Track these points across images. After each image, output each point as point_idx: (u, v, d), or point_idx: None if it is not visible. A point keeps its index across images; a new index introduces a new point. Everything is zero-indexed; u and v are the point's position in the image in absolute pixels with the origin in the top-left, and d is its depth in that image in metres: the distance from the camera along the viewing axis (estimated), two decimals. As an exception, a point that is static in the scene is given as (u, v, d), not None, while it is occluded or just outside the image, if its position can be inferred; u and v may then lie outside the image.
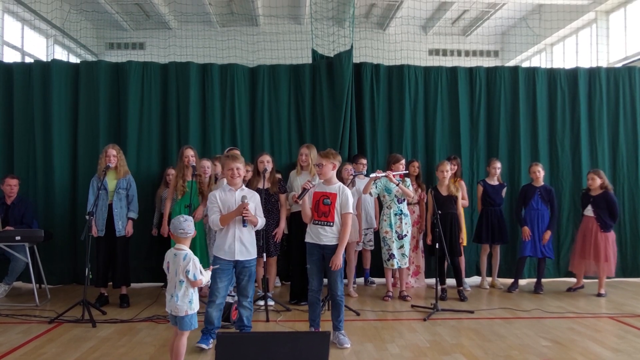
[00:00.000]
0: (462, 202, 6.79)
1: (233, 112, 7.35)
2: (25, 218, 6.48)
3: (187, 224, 3.83)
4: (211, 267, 4.16)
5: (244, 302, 4.59)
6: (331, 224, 4.56)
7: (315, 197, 4.63)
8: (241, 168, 4.55)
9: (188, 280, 3.72)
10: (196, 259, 3.78)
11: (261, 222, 4.62)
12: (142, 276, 6.98)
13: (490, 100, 7.73)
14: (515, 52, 15.46)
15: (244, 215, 4.44)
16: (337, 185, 4.65)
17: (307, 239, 4.69)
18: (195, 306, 3.78)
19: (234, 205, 4.47)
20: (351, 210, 4.61)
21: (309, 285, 4.72)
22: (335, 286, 4.60)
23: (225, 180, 5.34)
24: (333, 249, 4.55)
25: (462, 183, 6.96)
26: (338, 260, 4.51)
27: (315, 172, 6.02)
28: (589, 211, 6.72)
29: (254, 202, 4.61)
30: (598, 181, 6.69)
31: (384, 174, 6.12)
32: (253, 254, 4.59)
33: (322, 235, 4.58)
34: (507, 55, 15.86)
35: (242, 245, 4.49)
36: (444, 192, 6.49)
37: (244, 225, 4.50)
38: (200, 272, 3.78)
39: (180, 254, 3.77)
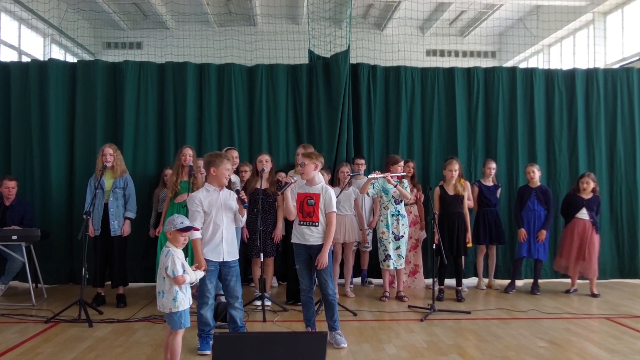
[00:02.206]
0: (468, 202, 6.80)
1: (230, 112, 7.34)
2: (26, 219, 6.45)
3: (168, 221, 3.87)
4: (202, 266, 4.11)
5: (235, 304, 4.52)
6: (316, 224, 4.57)
7: (299, 198, 4.64)
8: (230, 169, 4.57)
9: (168, 277, 3.72)
10: (177, 256, 3.74)
11: (244, 218, 4.61)
12: (139, 276, 6.96)
13: (488, 101, 7.73)
14: (513, 53, 15.48)
15: (242, 196, 4.42)
16: (319, 186, 4.66)
17: (294, 240, 4.70)
18: (181, 304, 3.73)
19: (222, 205, 4.43)
20: (335, 209, 4.61)
21: (300, 286, 4.72)
22: (326, 286, 4.60)
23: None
24: (319, 248, 4.55)
25: (468, 184, 6.97)
26: (323, 258, 4.50)
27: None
28: (583, 214, 6.74)
29: (234, 201, 4.52)
30: (592, 185, 6.75)
31: (382, 175, 6.12)
32: (237, 254, 4.59)
33: (308, 235, 4.59)
34: (505, 56, 15.88)
35: (228, 245, 4.46)
36: (450, 192, 6.47)
37: (245, 206, 4.44)
38: (184, 269, 3.75)
39: (164, 250, 3.81)
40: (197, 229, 4.16)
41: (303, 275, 4.68)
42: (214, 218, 4.41)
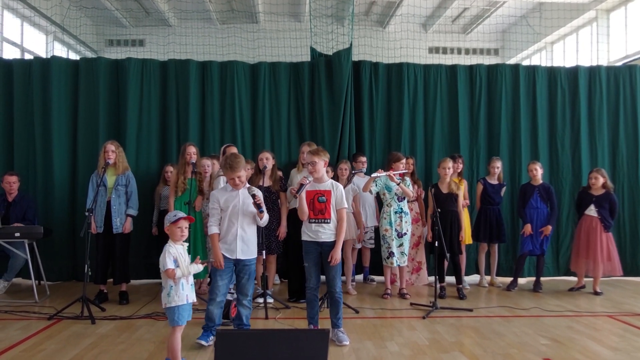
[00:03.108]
0: (463, 201, 6.81)
1: (233, 109, 7.34)
2: (28, 215, 6.47)
3: (165, 219, 3.93)
4: (197, 260, 4.10)
5: (244, 301, 4.57)
6: (328, 220, 4.59)
7: (309, 196, 4.62)
8: (242, 175, 4.47)
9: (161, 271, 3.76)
10: (169, 250, 3.76)
11: (266, 217, 4.58)
12: (142, 273, 6.99)
13: (490, 99, 7.72)
14: (516, 50, 15.45)
15: (257, 201, 4.40)
16: (329, 182, 4.67)
17: (304, 238, 4.69)
18: (174, 300, 3.74)
19: (238, 204, 4.44)
20: (346, 206, 4.64)
21: (306, 283, 4.72)
22: (333, 283, 4.61)
23: (222, 179, 5.37)
24: (331, 245, 4.57)
25: (465, 182, 6.96)
26: (337, 254, 4.53)
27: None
28: (591, 211, 6.70)
29: (261, 196, 4.56)
30: (601, 180, 6.68)
31: (385, 174, 6.12)
32: (254, 253, 4.58)
33: (320, 232, 4.59)
34: (508, 54, 15.85)
35: (243, 243, 4.47)
36: (444, 190, 6.48)
37: (260, 211, 4.43)
38: (177, 264, 3.75)
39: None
40: (191, 219, 4.10)
41: (311, 272, 4.68)
42: (229, 215, 4.44)
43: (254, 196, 4.43)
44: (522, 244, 6.91)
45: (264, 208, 4.47)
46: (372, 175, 6.11)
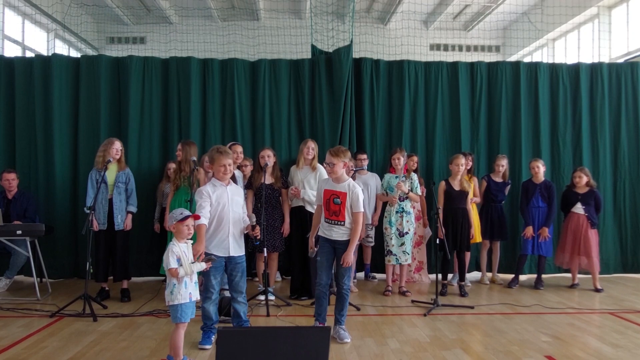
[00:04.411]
0: (475, 199, 6.81)
1: (233, 107, 7.34)
2: (28, 212, 6.49)
3: (169, 216, 3.94)
4: (201, 259, 4.06)
5: (239, 298, 4.55)
6: (342, 223, 4.55)
7: (325, 196, 4.61)
8: (232, 164, 4.50)
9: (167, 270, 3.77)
10: (172, 249, 3.77)
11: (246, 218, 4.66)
12: (144, 270, 6.99)
13: (491, 96, 7.71)
14: (517, 47, 15.41)
15: (255, 235, 4.65)
16: (346, 184, 4.61)
17: (320, 233, 4.69)
18: (177, 298, 3.76)
19: (228, 201, 4.43)
20: (362, 209, 4.57)
21: (317, 279, 4.68)
22: (342, 279, 4.62)
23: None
24: (344, 243, 4.56)
25: (475, 180, 6.95)
26: (349, 257, 4.52)
27: (315, 166, 6.02)
28: (578, 208, 6.75)
29: (241, 197, 4.65)
30: (585, 179, 6.75)
31: (396, 189, 6.19)
32: (244, 249, 4.60)
33: (334, 232, 4.59)
34: (509, 50, 15.82)
35: (235, 241, 4.48)
36: (456, 187, 6.41)
37: (256, 243, 4.73)
38: (180, 263, 3.76)
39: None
40: (197, 217, 4.12)
41: (322, 269, 4.64)
42: (220, 213, 4.41)
43: (253, 227, 4.59)
44: (523, 245, 6.91)
45: (258, 242, 4.82)
46: (391, 195, 6.27)
